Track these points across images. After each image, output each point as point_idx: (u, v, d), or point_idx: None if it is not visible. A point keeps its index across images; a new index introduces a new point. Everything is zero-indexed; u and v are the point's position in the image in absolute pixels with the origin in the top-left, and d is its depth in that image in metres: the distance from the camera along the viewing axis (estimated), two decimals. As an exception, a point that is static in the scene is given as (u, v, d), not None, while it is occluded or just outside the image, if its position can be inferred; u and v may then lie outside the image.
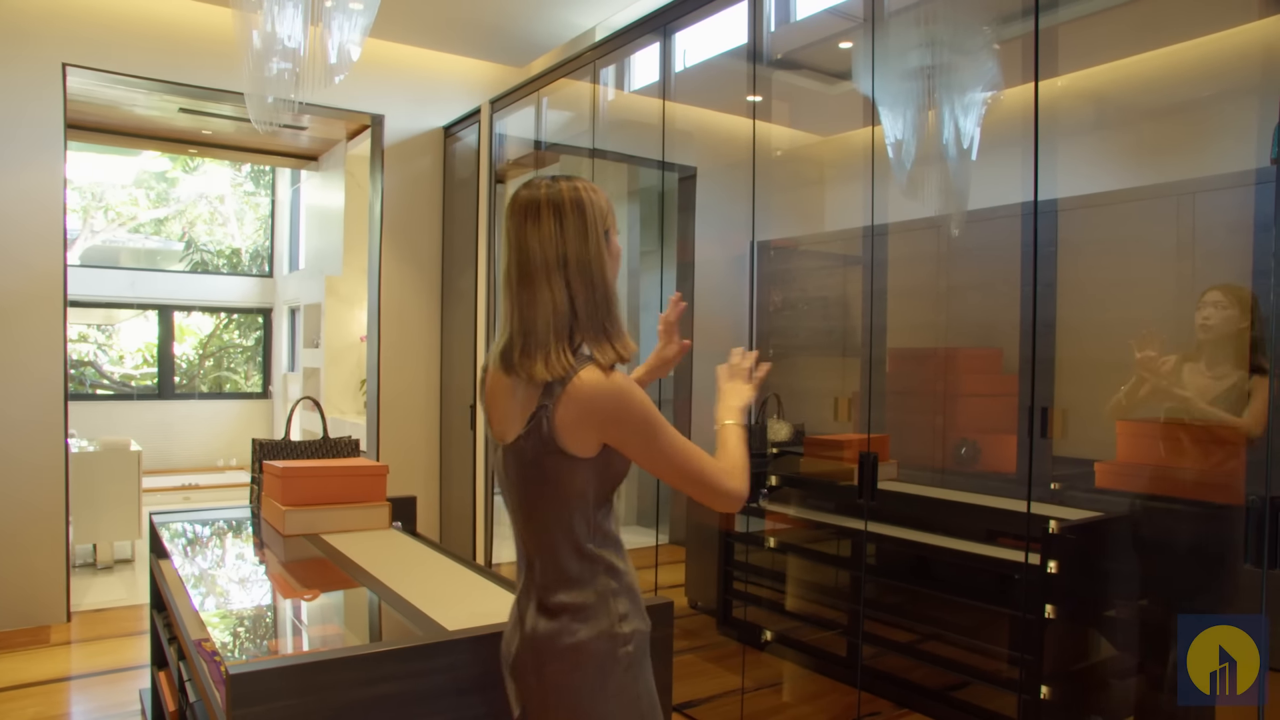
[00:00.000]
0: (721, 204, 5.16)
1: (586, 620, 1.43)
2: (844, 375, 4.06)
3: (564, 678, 1.42)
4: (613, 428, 1.39)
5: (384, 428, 5.29)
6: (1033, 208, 2.28)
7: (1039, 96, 2.38)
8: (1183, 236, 3.43)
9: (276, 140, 7.55)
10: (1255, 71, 2.70)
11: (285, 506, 2.60)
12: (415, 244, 5.41)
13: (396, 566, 2.30)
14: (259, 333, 10.72)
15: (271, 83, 2.40)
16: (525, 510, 1.48)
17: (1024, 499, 2.43)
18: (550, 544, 1.45)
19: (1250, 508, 1.74)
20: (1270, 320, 1.95)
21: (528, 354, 1.41)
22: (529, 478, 1.45)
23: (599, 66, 4.15)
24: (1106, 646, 2.70)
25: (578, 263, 1.41)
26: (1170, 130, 3.71)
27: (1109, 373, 2.66)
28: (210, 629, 1.82)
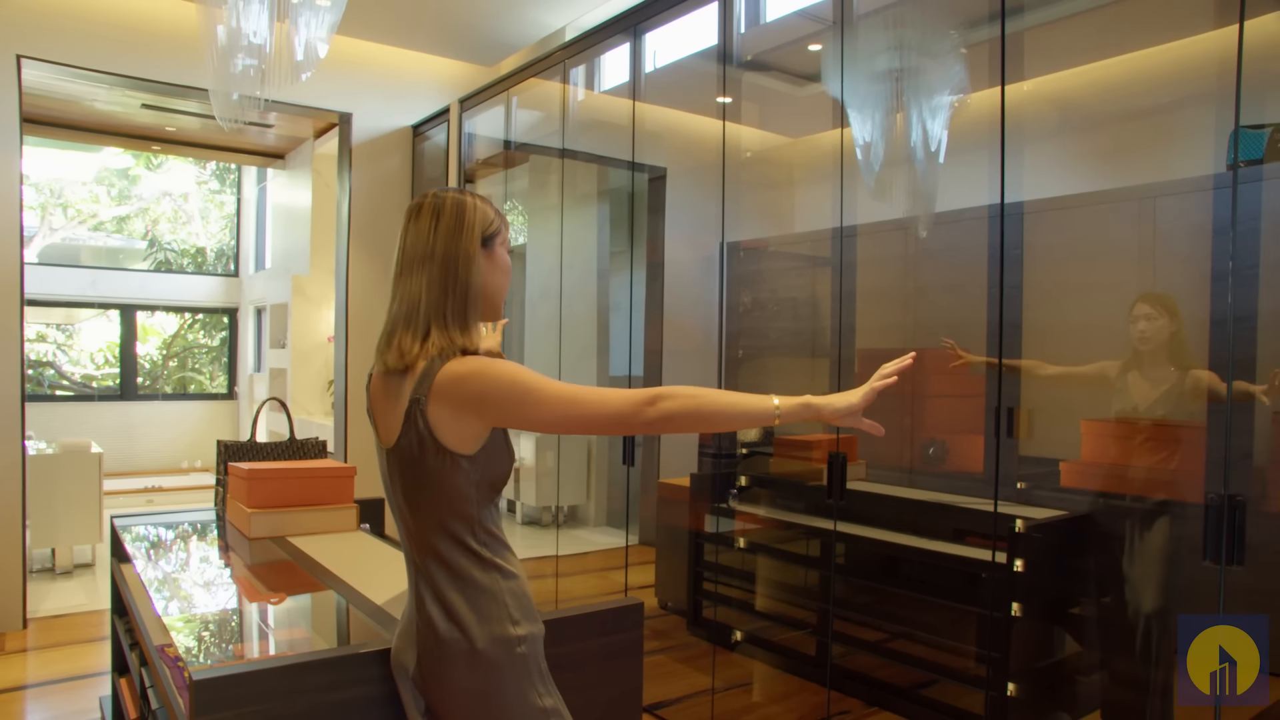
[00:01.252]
0: (691, 205, 5.17)
1: (481, 623, 1.43)
2: (813, 376, 4.08)
3: (465, 683, 1.43)
4: (488, 404, 1.39)
5: (352, 429, 5.24)
6: (999, 210, 2.30)
7: (1005, 101, 2.41)
8: (1144, 240, 3.49)
9: (242, 138, 7.45)
10: (1211, 80, 2.76)
11: (250, 509, 2.56)
12: (384, 244, 5.36)
13: (364, 569, 2.27)
14: (224, 333, 10.57)
15: (236, 79, 2.36)
16: (410, 513, 1.47)
17: (991, 498, 2.46)
18: (437, 547, 1.45)
19: (1209, 506, 1.77)
20: (1227, 322, 1.99)
21: (392, 340, 1.46)
22: (411, 479, 1.45)
23: (569, 66, 4.14)
24: (1071, 643, 2.74)
25: (443, 258, 1.46)
26: (1132, 135, 3.78)
27: None
28: (173, 634, 1.79)
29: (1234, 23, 1.92)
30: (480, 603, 1.44)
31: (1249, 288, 2.13)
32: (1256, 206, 2.30)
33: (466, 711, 1.44)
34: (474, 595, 1.44)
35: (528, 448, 6.28)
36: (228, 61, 2.33)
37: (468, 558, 1.45)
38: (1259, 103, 3.18)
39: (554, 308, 5.06)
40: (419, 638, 1.47)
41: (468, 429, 1.40)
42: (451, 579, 1.45)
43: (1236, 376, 2.07)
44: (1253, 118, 3.27)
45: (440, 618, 1.44)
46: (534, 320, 6.15)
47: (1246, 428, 2.11)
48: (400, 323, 1.46)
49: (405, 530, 1.51)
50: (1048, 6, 3.51)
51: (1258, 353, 2.16)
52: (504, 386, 1.38)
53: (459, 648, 1.42)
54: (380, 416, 1.52)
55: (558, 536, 5.63)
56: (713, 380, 4.42)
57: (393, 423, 1.47)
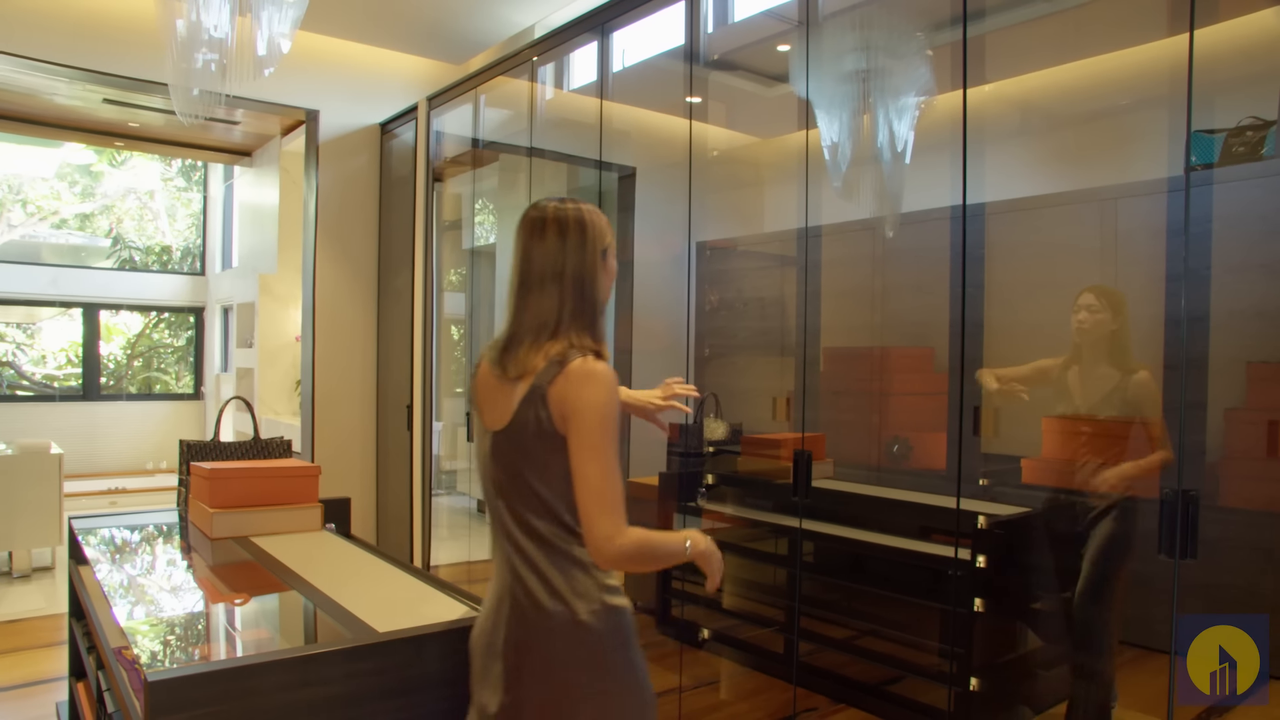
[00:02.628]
0: (660, 204, 5.18)
1: (580, 595, 1.51)
2: (781, 375, 4.10)
3: (569, 653, 1.50)
4: (574, 405, 1.49)
5: (319, 429, 5.19)
6: (961, 211, 2.33)
7: (967, 103, 2.44)
8: (1105, 240, 3.55)
9: (208, 135, 7.35)
10: (1166, 85, 2.82)
11: (213, 509, 2.53)
12: (351, 242, 5.32)
13: (328, 569, 2.26)
14: (190, 332, 10.43)
15: (197, 75, 2.33)
16: (513, 491, 1.56)
17: (954, 495, 2.49)
18: (536, 525, 1.54)
19: (1165, 501, 1.80)
20: (1182, 322, 2.03)
21: (516, 350, 1.57)
22: (520, 460, 1.55)
23: (537, 65, 4.13)
24: (1033, 638, 2.77)
25: (574, 274, 1.57)
26: (1091, 138, 3.84)
27: None
28: (131, 636, 1.77)
29: (1185, 31, 1.96)
30: (578, 577, 1.52)
31: (1202, 288, 2.18)
32: (1209, 209, 2.35)
33: (571, 681, 1.50)
34: (571, 569, 1.52)
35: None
36: (188, 56, 2.30)
37: (564, 535, 1.53)
38: (1210, 108, 3.26)
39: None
40: (513, 614, 1.54)
41: (563, 418, 1.51)
42: (550, 555, 1.53)
43: (1190, 375, 2.11)
44: (1205, 123, 3.35)
45: (542, 592, 1.52)
46: (503, 320, 6.12)
47: (1200, 425, 2.16)
48: (529, 335, 1.57)
49: (505, 509, 1.59)
50: (1008, 11, 3.55)
51: (1210, 351, 2.21)
52: (598, 406, 1.49)
53: (561, 619, 1.50)
54: (485, 403, 1.64)
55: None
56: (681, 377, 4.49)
57: (502, 409, 1.58)
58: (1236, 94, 3.35)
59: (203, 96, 2.39)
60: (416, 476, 4.93)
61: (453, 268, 7.68)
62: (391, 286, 5.31)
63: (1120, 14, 3.53)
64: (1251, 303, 2.81)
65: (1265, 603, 2.63)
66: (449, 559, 5.48)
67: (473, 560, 5.64)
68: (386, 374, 5.36)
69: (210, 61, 2.31)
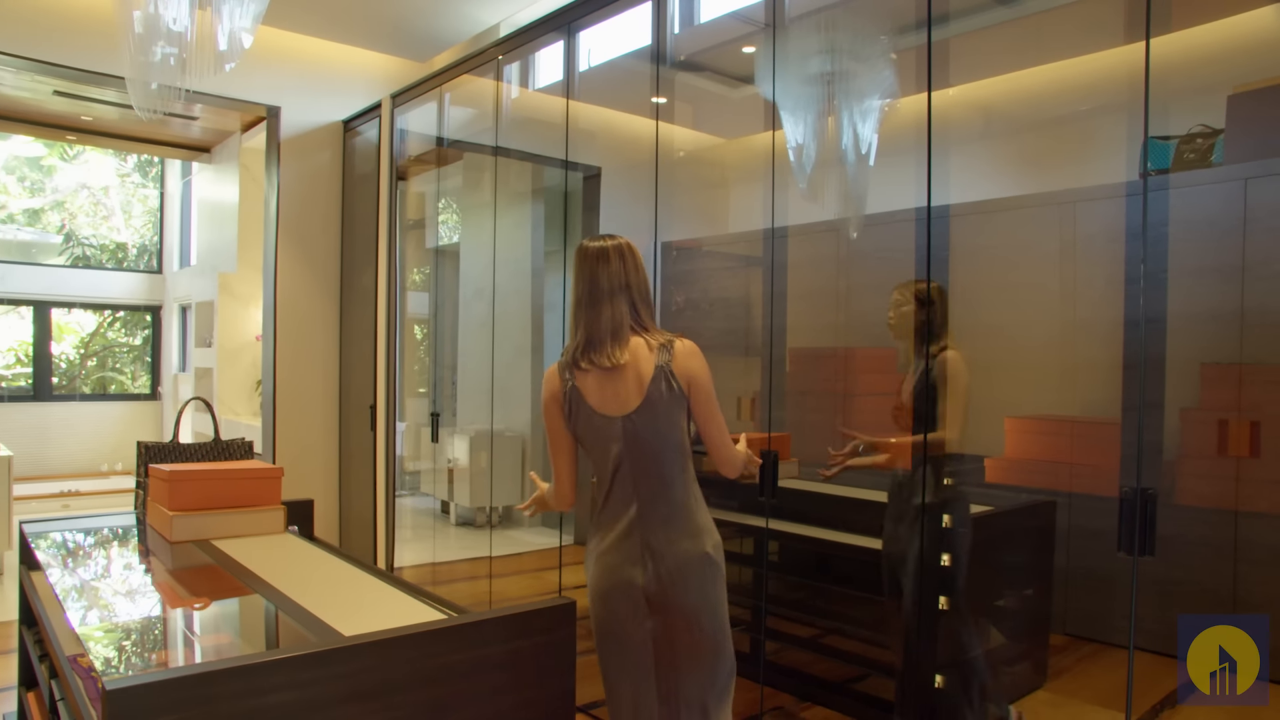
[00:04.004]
0: (626, 204, 5.17)
1: (705, 535, 2.04)
2: (746, 375, 4.12)
3: (701, 581, 2.02)
4: (695, 373, 2.03)
5: (280, 430, 5.12)
6: (926, 213, 2.35)
7: (931, 106, 2.46)
8: (1065, 243, 3.61)
9: (166, 130, 7.19)
10: (1122, 91, 2.87)
11: (172, 512, 2.48)
12: (313, 241, 5.25)
13: (291, 572, 2.22)
14: (147, 331, 10.22)
15: (155, 69, 2.27)
16: (648, 456, 2.03)
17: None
18: (672, 481, 2.03)
19: (1123, 499, 1.83)
20: (1139, 323, 2.07)
21: (605, 347, 2.04)
22: (657, 428, 2.02)
23: (503, 63, 4.11)
24: (996, 635, 2.81)
25: (637, 286, 2.09)
26: (1052, 143, 3.90)
27: (998, 372, 2.77)
28: (87, 643, 1.72)
29: (1141, 39, 2.00)
30: (702, 521, 2.05)
31: (1159, 291, 2.22)
32: (1165, 213, 2.40)
33: (705, 602, 2.02)
34: (699, 514, 2.06)
35: (461, 447, 6.22)
36: (146, 49, 2.24)
37: (690, 487, 2.06)
38: (1164, 115, 3.33)
39: (487, 307, 5.02)
40: (648, 555, 2.01)
41: (688, 385, 2.03)
42: (681, 504, 2.03)
43: (1149, 375, 2.15)
44: (1159, 129, 3.42)
45: (682, 536, 2.02)
46: (468, 320, 6.08)
47: (1157, 424, 2.20)
48: (608, 334, 2.05)
49: (645, 475, 2.04)
50: (972, 16, 3.60)
51: (1167, 353, 2.26)
52: (708, 378, 2.06)
53: (693, 554, 2.01)
54: (597, 398, 2.06)
55: (491, 537, 5.59)
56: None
57: (626, 395, 2.03)
58: (1187, 102, 3.43)
59: (161, 91, 2.34)
60: (380, 478, 4.88)
61: (416, 267, 7.61)
62: (354, 286, 5.25)
63: (1079, 21, 3.59)
64: (1207, 305, 2.88)
65: (1220, 598, 2.69)
66: (413, 560, 5.43)
67: (437, 561, 5.59)
68: (349, 374, 5.30)
69: (169, 55, 2.26)
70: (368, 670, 1.59)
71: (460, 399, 6.29)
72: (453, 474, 6.34)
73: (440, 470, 6.46)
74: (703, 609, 2.01)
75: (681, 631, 2.02)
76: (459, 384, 6.33)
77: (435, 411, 5.33)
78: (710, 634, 2.03)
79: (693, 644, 2.02)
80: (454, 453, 6.26)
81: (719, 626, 2.06)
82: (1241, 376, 2.71)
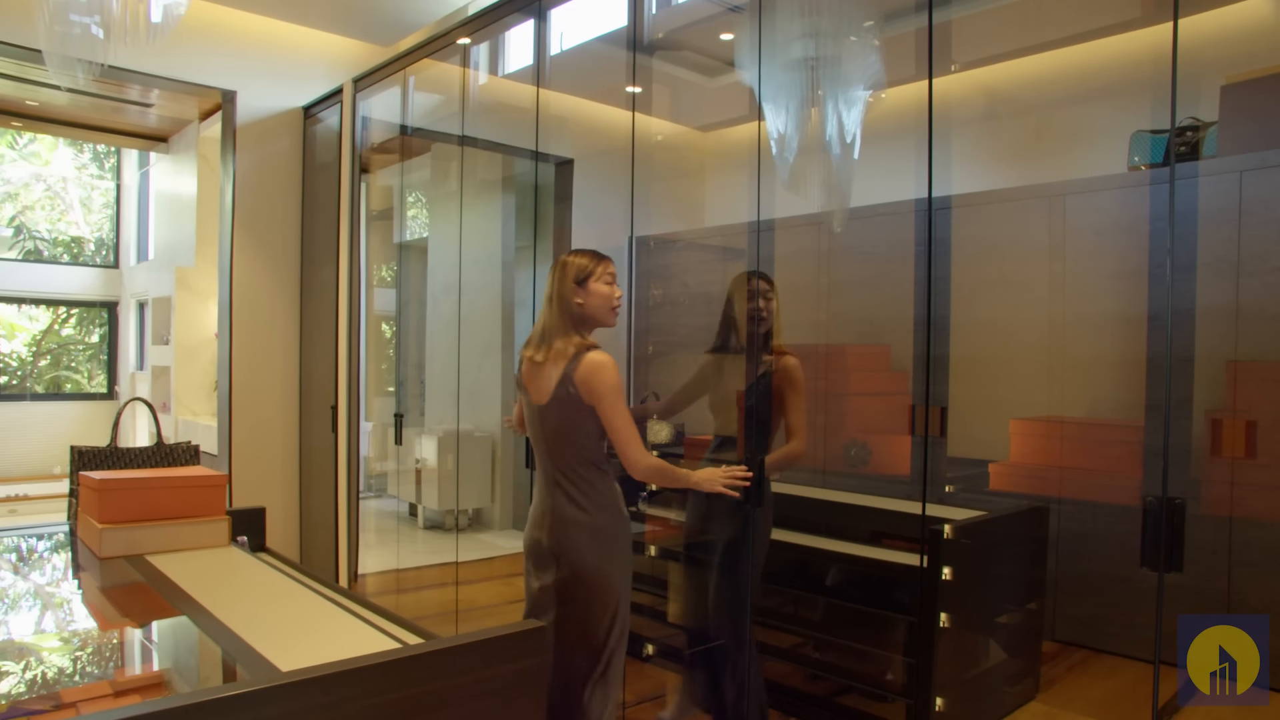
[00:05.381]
0: (599, 196, 4.99)
1: (603, 509, 2.41)
2: (721, 370, 3.95)
3: (589, 546, 2.39)
4: (594, 388, 2.34)
5: (237, 431, 4.88)
6: (927, 204, 2.19)
7: (932, 92, 2.30)
8: (1055, 236, 3.49)
9: (120, 118, 6.90)
10: (1135, 79, 2.74)
11: (102, 524, 2.26)
12: (272, 232, 5.01)
13: (231, 592, 2.02)
14: (103, 328, 9.87)
15: (74, 41, 2.04)
16: (557, 442, 2.43)
17: (912, 499, 2.35)
18: (574, 466, 2.41)
19: (1147, 509, 1.67)
20: (1163, 318, 1.92)
21: (545, 346, 2.44)
22: (559, 419, 2.40)
23: (471, 45, 3.91)
24: (997, 650, 2.65)
25: (559, 299, 2.45)
26: (1051, 130, 3.78)
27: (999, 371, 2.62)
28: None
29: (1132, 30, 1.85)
30: (595, 499, 2.40)
31: (1162, 285, 2.07)
32: (1193, 204, 2.26)
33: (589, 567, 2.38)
34: (592, 494, 2.40)
35: (429, 448, 6.01)
36: (63, 18, 2.01)
37: (591, 471, 2.41)
38: (1156, 108, 3.22)
39: (455, 304, 4.81)
40: (552, 522, 2.43)
41: (589, 395, 2.34)
42: (578, 485, 2.41)
43: (1175, 373, 2.01)
44: (1148, 123, 3.32)
45: (572, 508, 2.40)
46: (435, 316, 5.87)
47: (1185, 429, 2.05)
48: (540, 336, 2.47)
49: (549, 456, 2.45)
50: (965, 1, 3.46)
51: (1195, 351, 2.11)
52: (606, 386, 2.34)
53: (584, 525, 2.39)
54: (532, 383, 2.48)
55: (457, 542, 5.38)
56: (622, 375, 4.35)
57: (545, 388, 2.43)
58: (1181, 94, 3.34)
59: (82, 64, 2.11)
60: (342, 481, 4.66)
61: (382, 262, 7.38)
62: (315, 280, 5.01)
63: (1075, 7, 3.47)
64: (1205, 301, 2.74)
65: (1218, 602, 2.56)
66: (377, 566, 5.21)
67: (402, 568, 5.37)
68: (310, 373, 5.06)
69: (88, 25, 2.03)
70: (306, 713, 1.40)
71: (428, 398, 6.09)
72: (420, 475, 6.13)
73: (407, 472, 6.25)
74: (590, 568, 2.38)
75: (571, 586, 2.42)
76: (427, 383, 6.13)
77: (399, 412, 5.11)
78: (596, 589, 2.39)
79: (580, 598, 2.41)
80: (422, 453, 6.05)
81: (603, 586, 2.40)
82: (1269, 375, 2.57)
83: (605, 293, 2.45)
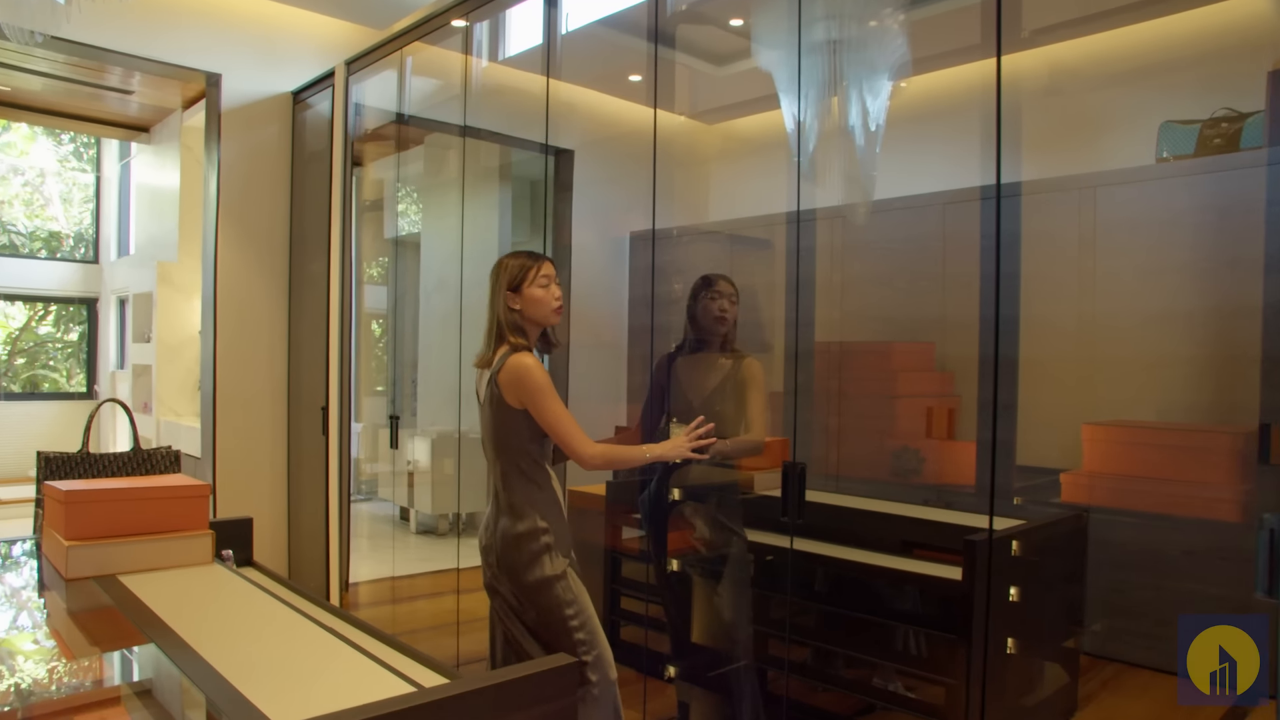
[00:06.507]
0: (600, 187, 4.78)
1: (521, 518, 2.36)
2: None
3: (514, 552, 2.35)
4: (520, 389, 2.33)
5: (222, 434, 4.62)
6: (995, 192, 1.97)
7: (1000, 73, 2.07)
8: (1084, 230, 3.31)
9: (99, 106, 6.62)
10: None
11: (68, 541, 2.02)
12: (259, 224, 4.75)
13: (213, 619, 1.78)
14: (83, 325, 9.56)
15: (28, 8, 1.80)
16: (491, 444, 2.41)
17: (971, 511, 2.14)
18: (505, 469, 2.38)
19: (1263, 527, 1.46)
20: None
21: (489, 349, 2.46)
22: (491, 423, 2.40)
23: (471, 24, 3.67)
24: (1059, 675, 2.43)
25: (491, 303, 2.47)
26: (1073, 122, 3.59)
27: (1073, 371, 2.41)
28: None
29: None
30: (527, 505, 2.35)
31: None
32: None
33: (517, 573, 2.35)
34: (523, 499, 2.36)
35: (422, 450, 5.76)
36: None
37: (519, 476, 2.37)
38: (1185, 98, 3.06)
39: (453, 299, 4.57)
40: (492, 526, 2.41)
41: (513, 395, 2.34)
42: (510, 491, 2.37)
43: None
44: (1178, 113, 3.15)
45: (506, 518, 2.37)
46: (428, 313, 5.63)
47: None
48: (486, 339, 2.49)
49: (488, 458, 2.44)
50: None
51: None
52: (531, 387, 2.31)
53: (510, 532, 2.35)
54: (479, 387, 2.48)
55: (459, 547, 5.14)
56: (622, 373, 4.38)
57: (481, 389, 2.44)
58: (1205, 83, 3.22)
59: (37, 16, 1.86)
60: (333, 486, 4.41)
61: (373, 258, 7.13)
62: (305, 274, 4.76)
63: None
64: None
65: None
66: (370, 574, 4.96)
67: (397, 575, 5.13)
68: (299, 373, 4.81)
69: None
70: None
71: (421, 398, 5.84)
72: (413, 478, 5.89)
73: (400, 474, 6.01)
74: (528, 580, 2.33)
75: (520, 609, 2.39)
76: (420, 382, 5.89)
77: (394, 414, 4.86)
78: (542, 602, 2.34)
79: (530, 614, 2.37)
80: (414, 455, 5.81)
81: (546, 593, 2.34)
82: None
83: (541, 296, 2.42)
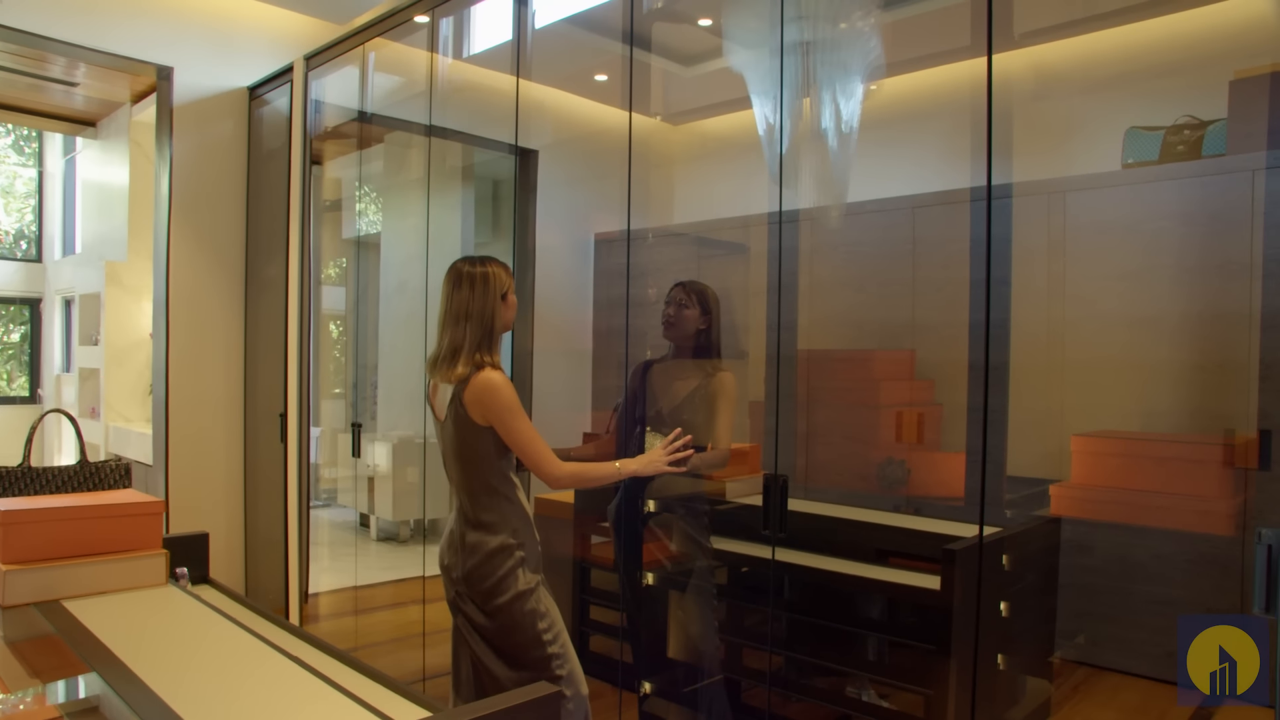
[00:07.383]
0: (564, 188, 4.70)
1: (493, 533, 2.29)
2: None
3: (483, 570, 2.28)
4: (488, 408, 2.26)
5: (174, 439, 4.45)
6: (986, 193, 1.93)
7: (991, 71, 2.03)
8: (1054, 236, 3.31)
9: (42, 98, 6.38)
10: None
11: (6, 565, 1.89)
12: (213, 223, 4.59)
13: (167, 646, 1.67)
14: (25, 327, 9.23)
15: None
16: (455, 462, 2.33)
17: (959, 522, 2.09)
18: (471, 486, 2.31)
19: (1260, 542, 1.42)
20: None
21: (449, 365, 2.32)
22: (455, 441, 2.31)
23: (436, 18, 3.57)
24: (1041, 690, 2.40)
25: (479, 314, 2.32)
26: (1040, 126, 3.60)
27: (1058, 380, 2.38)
28: None
29: None
30: (494, 521, 2.29)
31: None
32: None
33: (487, 590, 2.27)
34: (490, 516, 2.30)
35: (382, 455, 5.62)
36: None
37: (487, 492, 2.30)
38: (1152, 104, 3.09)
39: (415, 301, 4.45)
40: (457, 544, 2.33)
41: (479, 413, 2.26)
42: (476, 507, 2.31)
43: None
44: (1141, 119, 3.18)
45: (474, 532, 2.30)
46: (389, 315, 5.50)
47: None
48: (447, 356, 2.33)
49: (451, 475, 2.37)
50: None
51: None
52: (501, 405, 2.25)
53: (483, 550, 2.28)
54: (435, 402, 2.41)
55: (424, 554, 5.01)
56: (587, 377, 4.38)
57: (443, 405, 2.34)
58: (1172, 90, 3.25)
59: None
60: (291, 495, 4.27)
61: (331, 258, 6.97)
62: (261, 276, 4.61)
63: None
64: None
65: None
66: (331, 584, 4.82)
67: (359, 585, 4.98)
68: (256, 377, 4.66)
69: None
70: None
71: (381, 403, 5.70)
72: (373, 484, 5.74)
73: (360, 480, 5.86)
74: (491, 592, 2.28)
75: (474, 612, 2.32)
76: (380, 386, 5.74)
77: (356, 421, 4.72)
78: (509, 619, 2.29)
79: (497, 632, 2.31)
80: (374, 460, 5.66)
81: (516, 610, 2.29)
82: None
83: (514, 303, 2.41)
